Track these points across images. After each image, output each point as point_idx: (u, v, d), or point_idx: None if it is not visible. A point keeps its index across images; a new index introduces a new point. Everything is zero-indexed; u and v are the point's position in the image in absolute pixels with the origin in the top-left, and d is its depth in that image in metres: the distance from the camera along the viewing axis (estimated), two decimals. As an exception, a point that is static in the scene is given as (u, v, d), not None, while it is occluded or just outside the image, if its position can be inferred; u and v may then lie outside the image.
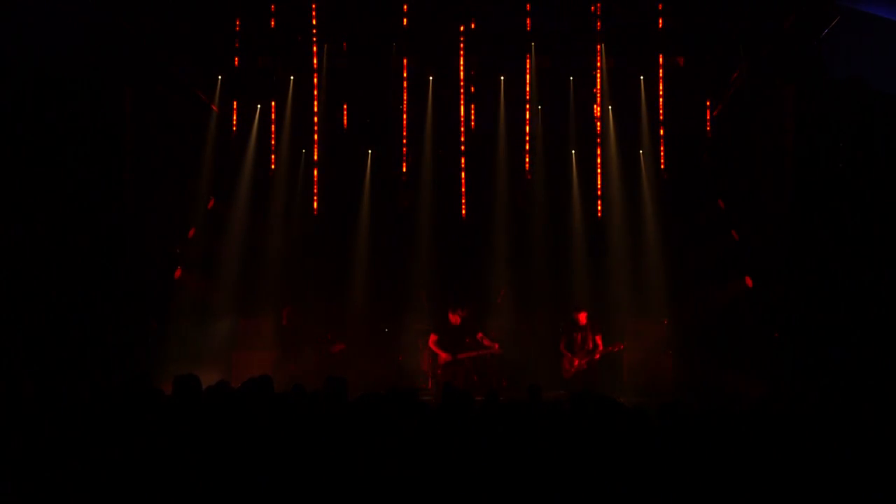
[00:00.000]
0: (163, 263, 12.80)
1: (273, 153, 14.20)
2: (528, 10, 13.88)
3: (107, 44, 12.13)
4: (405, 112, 14.32)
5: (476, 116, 14.41)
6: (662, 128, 14.21)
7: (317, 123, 14.25)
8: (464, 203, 14.44)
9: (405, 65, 14.26)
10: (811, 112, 11.80)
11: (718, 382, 11.72)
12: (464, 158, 14.41)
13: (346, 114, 14.41)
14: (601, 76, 13.98)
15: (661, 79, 14.11)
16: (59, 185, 11.41)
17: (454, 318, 12.38)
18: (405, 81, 14.28)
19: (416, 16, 13.91)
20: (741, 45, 13.03)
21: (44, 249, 11.25)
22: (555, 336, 12.67)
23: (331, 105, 14.22)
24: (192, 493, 4.64)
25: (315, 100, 14.16)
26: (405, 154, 14.35)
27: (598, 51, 13.87)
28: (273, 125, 14.20)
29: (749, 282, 12.57)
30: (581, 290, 13.34)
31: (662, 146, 14.20)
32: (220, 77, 13.59)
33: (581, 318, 12.29)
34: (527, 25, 13.93)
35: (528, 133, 14.30)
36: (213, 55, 13.66)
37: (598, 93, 14.10)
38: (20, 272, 11.10)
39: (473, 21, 14.00)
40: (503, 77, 14.13)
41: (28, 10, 11.21)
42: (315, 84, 14.09)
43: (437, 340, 12.43)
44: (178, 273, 12.87)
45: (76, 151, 11.52)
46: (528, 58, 14.01)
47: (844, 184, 11.57)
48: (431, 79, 14.10)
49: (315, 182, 14.36)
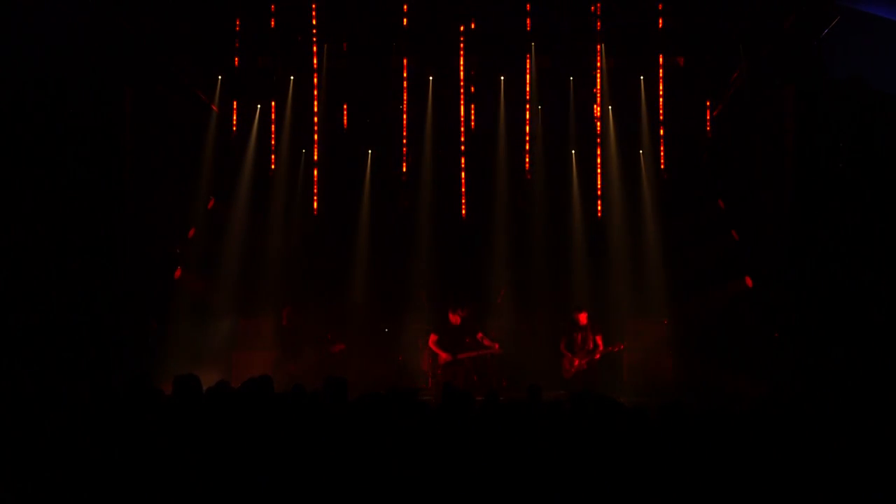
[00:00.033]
0: (163, 263, 12.80)
1: (273, 153, 14.18)
2: (528, 10, 13.88)
3: (107, 44, 12.14)
4: (405, 112, 14.31)
5: (476, 116, 14.40)
6: (662, 128, 14.20)
7: (317, 123, 14.25)
8: (464, 203, 14.43)
9: (405, 65, 14.25)
10: (811, 112, 11.80)
11: (718, 382, 11.72)
12: (464, 158, 14.40)
13: (346, 114, 14.40)
14: (601, 76, 13.97)
15: (661, 79, 14.10)
16: (59, 186, 11.41)
17: (454, 318, 12.38)
18: (405, 81, 14.27)
19: (416, 16, 13.90)
20: (741, 45, 13.05)
21: (44, 249, 11.25)
22: (555, 336, 12.67)
23: (331, 105, 14.21)
24: (193, 494, 4.64)
25: (315, 100, 14.15)
26: (405, 154, 14.34)
27: (598, 51, 13.87)
28: (273, 125, 14.19)
29: (749, 282, 12.58)
30: (581, 290, 13.35)
31: (662, 146, 14.19)
32: (220, 77, 13.58)
33: (581, 319, 12.30)
34: (527, 25, 13.93)
35: (528, 133, 14.29)
36: (213, 55, 13.64)
37: (598, 93, 14.09)
38: (20, 272, 11.10)
39: (473, 21, 14.00)
40: (503, 77, 14.12)
41: (28, 10, 11.22)
42: (315, 84, 14.08)
43: (437, 340, 12.43)
44: (178, 273, 12.86)
45: (76, 151, 11.52)
46: (528, 58, 14.00)
47: (844, 184, 11.57)
48: (431, 79, 14.09)
49: (315, 182, 14.34)
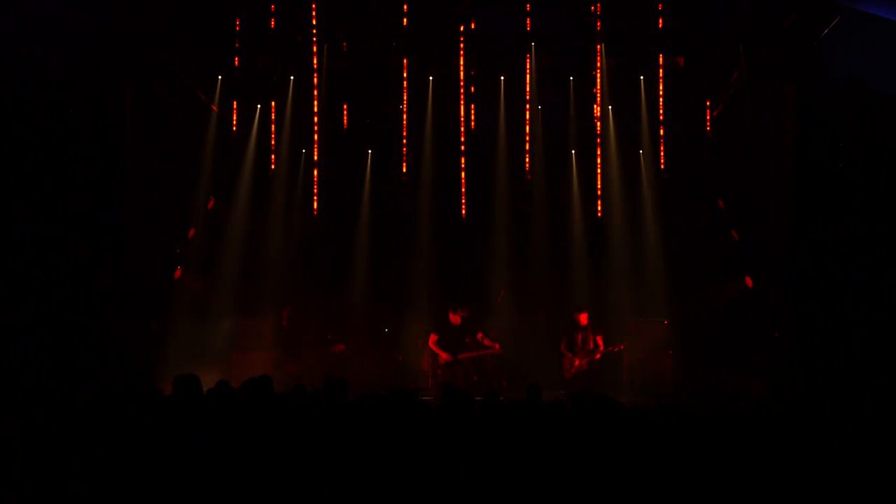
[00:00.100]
0: (163, 263, 12.80)
1: (273, 153, 14.17)
2: (528, 10, 13.89)
3: (107, 44, 12.14)
4: (405, 112, 14.30)
5: (476, 116, 14.39)
6: (662, 128, 14.19)
7: (317, 123, 14.24)
8: (464, 203, 14.42)
9: (405, 65, 14.25)
10: (811, 112, 11.82)
11: (718, 382, 11.71)
12: (464, 158, 14.40)
13: (346, 114, 14.40)
14: (601, 76, 13.97)
15: (661, 79, 14.10)
16: (60, 185, 11.43)
17: (454, 318, 12.37)
18: (405, 81, 14.26)
19: (416, 16, 13.91)
20: (741, 45, 13.05)
21: (44, 249, 11.26)
22: (555, 336, 12.67)
23: (331, 105, 14.20)
24: (193, 494, 4.64)
25: (315, 100, 14.14)
26: (405, 154, 14.34)
27: (598, 51, 13.87)
28: (273, 125, 14.18)
29: (749, 282, 12.58)
30: (581, 290, 13.34)
31: (662, 146, 14.18)
32: (220, 77, 13.58)
33: (582, 319, 12.29)
34: (527, 25, 13.94)
35: (528, 133, 14.28)
36: (213, 55, 13.65)
37: (598, 93, 14.08)
38: (20, 272, 11.11)
39: (473, 21, 14.01)
40: (503, 77, 14.10)
41: (28, 11, 11.22)
42: (315, 84, 14.08)
43: (437, 340, 12.42)
44: (178, 273, 12.86)
45: (76, 151, 11.54)
46: (528, 58, 14.00)
47: (844, 184, 11.58)
48: (431, 79, 14.09)
49: (315, 182, 14.34)
